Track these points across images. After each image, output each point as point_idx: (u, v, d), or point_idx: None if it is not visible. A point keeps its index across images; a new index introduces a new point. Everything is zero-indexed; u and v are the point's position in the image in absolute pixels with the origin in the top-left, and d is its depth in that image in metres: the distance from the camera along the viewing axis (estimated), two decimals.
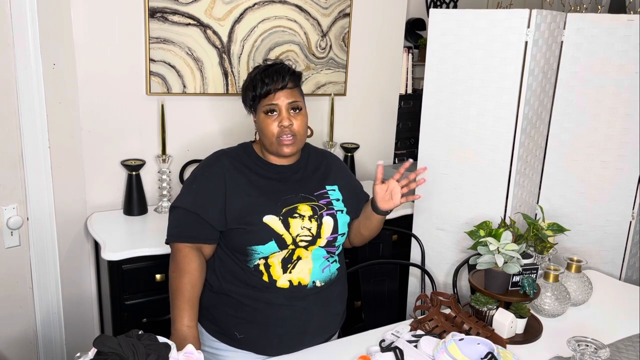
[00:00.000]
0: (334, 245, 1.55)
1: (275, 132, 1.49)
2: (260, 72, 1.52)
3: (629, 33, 2.07)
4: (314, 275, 1.51)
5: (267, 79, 1.50)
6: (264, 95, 1.50)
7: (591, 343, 1.36)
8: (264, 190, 1.51)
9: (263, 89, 1.50)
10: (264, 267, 1.48)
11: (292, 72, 1.54)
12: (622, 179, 2.21)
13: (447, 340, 1.38)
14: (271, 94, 1.49)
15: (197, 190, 1.51)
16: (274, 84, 1.49)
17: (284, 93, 1.50)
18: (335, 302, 1.59)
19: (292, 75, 1.53)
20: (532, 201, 2.24)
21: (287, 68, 1.54)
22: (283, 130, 1.49)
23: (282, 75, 1.50)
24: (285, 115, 1.49)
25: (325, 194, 1.57)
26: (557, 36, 2.08)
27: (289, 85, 1.51)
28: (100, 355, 1.13)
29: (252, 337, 1.51)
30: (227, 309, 1.52)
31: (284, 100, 1.49)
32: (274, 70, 1.51)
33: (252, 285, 1.49)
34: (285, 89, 1.50)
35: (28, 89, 1.93)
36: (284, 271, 1.48)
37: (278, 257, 1.48)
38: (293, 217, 1.48)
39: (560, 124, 2.19)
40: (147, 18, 2.18)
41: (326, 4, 2.59)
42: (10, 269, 2.02)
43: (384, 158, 3.04)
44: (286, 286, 1.48)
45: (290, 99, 1.50)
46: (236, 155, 1.56)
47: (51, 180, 2.06)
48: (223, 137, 2.48)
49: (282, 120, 1.49)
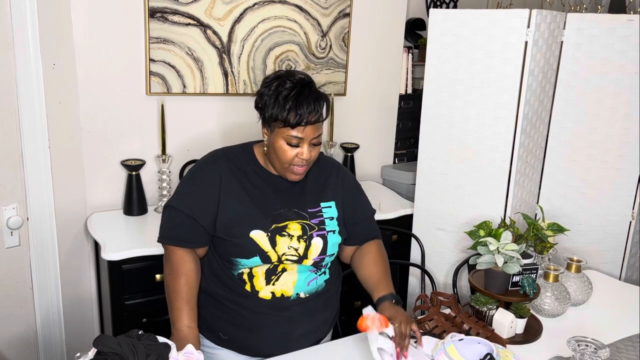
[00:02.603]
0: (321, 265, 1.51)
1: (290, 160, 1.42)
2: (293, 97, 1.36)
3: (629, 33, 2.07)
4: (298, 287, 1.48)
5: (300, 109, 1.36)
6: (292, 126, 1.37)
7: (591, 343, 1.36)
8: (256, 200, 1.46)
9: (294, 120, 1.36)
10: (247, 277, 1.46)
11: (325, 99, 1.41)
12: (622, 179, 2.21)
13: (446, 341, 1.37)
14: (300, 127, 1.38)
15: (193, 192, 1.47)
16: (308, 116, 1.36)
17: (314, 127, 1.39)
18: (321, 311, 1.55)
19: (325, 105, 1.41)
20: (532, 201, 2.24)
21: (320, 94, 1.41)
22: (300, 161, 1.42)
23: (317, 109, 1.38)
24: (306, 150, 1.40)
25: (318, 212, 1.50)
26: (557, 36, 2.08)
27: (320, 119, 1.40)
28: (100, 355, 1.13)
29: (235, 339, 1.50)
30: (213, 309, 1.51)
31: (310, 134, 1.39)
32: (309, 100, 1.37)
33: (235, 291, 1.47)
34: (316, 123, 1.39)
35: (28, 89, 1.93)
36: (267, 282, 1.46)
37: (262, 268, 1.45)
38: (281, 235, 1.43)
39: (560, 124, 2.19)
40: (147, 18, 2.18)
41: (326, 4, 2.59)
42: (10, 269, 2.02)
43: (384, 158, 3.04)
44: (268, 297, 1.46)
45: (316, 134, 1.40)
46: (235, 158, 1.51)
47: (51, 180, 2.06)
48: (223, 137, 2.48)
49: (303, 154, 1.40)
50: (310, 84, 1.42)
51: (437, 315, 1.55)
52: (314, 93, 1.40)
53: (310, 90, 1.40)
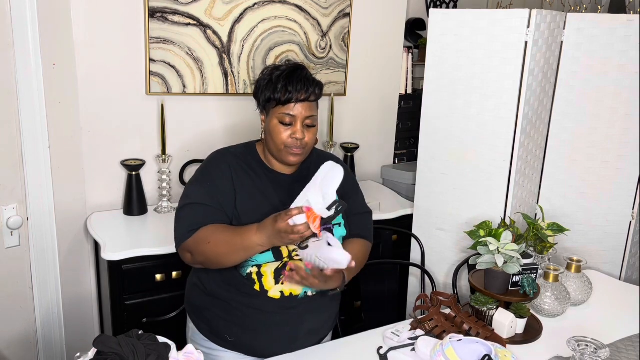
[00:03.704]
0: None
1: (286, 141, 1.45)
2: (285, 76, 1.44)
3: (629, 33, 2.07)
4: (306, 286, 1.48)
5: (290, 86, 1.42)
6: (283, 102, 1.43)
7: (591, 343, 1.36)
8: (265, 195, 1.48)
9: (285, 96, 1.42)
10: (256, 276, 1.46)
11: (317, 83, 1.47)
12: (622, 179, 2.21)
13: (445, 343, 1.37)
14: (291, 103, 1.43)
15: (210, 186, 1.46)
16: (297, 93, 1.42)
17: (304, 105, 1.44)
18: (328, 306, 1.57)
19: (317, 86, 1.46)
20: (532, 201, 2.24)
21: (312, 78, 1.46)
22: (294, 142, 1.44)
23: (307, 87, 1.43)
24: (299, 128, 1.44)
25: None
26: (557, 36, 2.08)
27: (311, 98, 1.45)
28: (100, 355, 1.13)
29: (242, 340, 1.50)
30: (218, 311, 1.51)
31: (302, 113, 1.44)
32: (299, 78, 1.44)
33: (243, 291, 1.47)
34: (307, 102, 1.44)
35: (28, 89, 1.93)
36: (276, 282, 1.46)
37: (271, 267, 1.46)
38: None
39: (560, 124, 2.19)
40: (147, 18, 2.18)
41: (326, 4, 2.59)
42: (10, 269, 2.02)
43: (384, 158, 3.04)
44: (277, 297, 1.46)
45: (308, 113, 1.45)
46: (241, 155, 1.52)
47: (51, 180, 2.06)
48: (223, 137, 2.48)
49: (296, 133, 1.44)
50: (303, 68, 1.48)
51: (437, 315, 1.55)
52: (305, 75, 1.46)
53: (302, 72, 1.46)
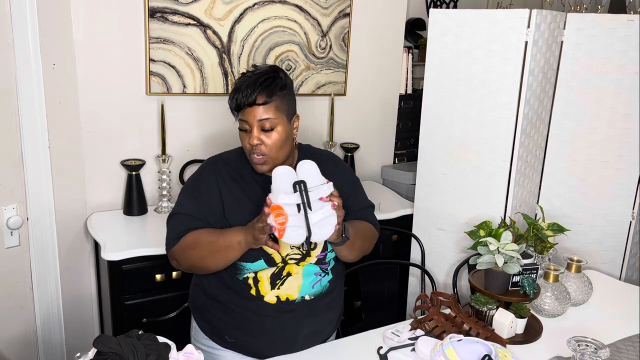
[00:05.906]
0: (325, 262, 1.51)
1: (248, 148, 1.42)
2: (237, 82, 1.42)
3: (629, 33, 2.07)
4: (303, 291, 1.48)
5: (235, 92, 1.39)
6: (236, 109, 1.41)
7: (591, 343, 1.36)
8: (255, 202, 1.46)
9: (233, 103, 1.40)
10: (252, 282, 1.46)
11: (265, 84, 1.38)
12: (622, 179, 2.21)
13: (445, 343, 1.37)
14: (243, 109, 1.39)
15: (198, 197, 1.47)
16: (243, 98, 1.37)
17: (254, 110, 1.37)
18: (326, 311, 1.55)
19: (264, 88, 1.37)
20: (532, 201, 2.24)
21: (261, 80, 1.38)
22: (252, 149, 1.40)
23: (250, 90, 1.36)
24: (255, 134, 1.39)
25: None
26: (557, 36, 2.08)
27: (258, 102, 1.37)
28: (100, 355, 1.13)
29: (241, 341, 1.50)
30: (218, 313, 1.51)
31: (253, 117, 1.38)
32: (245, 83, 1.38)
33: (241, 295, 1.47)
34: (255, 105, 1.37)
35: (28, 89, 1.93)
36: (272, 287, 1.46)
37: (267, 273, 1.45)
38: None
39: (560, 124, 2.19)
40: (147, 18, 2.18)
41: (326, 4, 2.59)
42: (10, 269, 2.02)
43: (384, 158, 3.04)
44: (273, 302, 1.46)
45: (262, 116, 1.38)
46: (232, 162, 1.51)
47: (51, 180, 2.06)
48: (223, 137, 2.48)
49: (251, 139, 1.39)
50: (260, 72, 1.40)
51: (437, 315, 1.55)
52: (256, 77, 1.38)
53: (253, 75, 1.39)
